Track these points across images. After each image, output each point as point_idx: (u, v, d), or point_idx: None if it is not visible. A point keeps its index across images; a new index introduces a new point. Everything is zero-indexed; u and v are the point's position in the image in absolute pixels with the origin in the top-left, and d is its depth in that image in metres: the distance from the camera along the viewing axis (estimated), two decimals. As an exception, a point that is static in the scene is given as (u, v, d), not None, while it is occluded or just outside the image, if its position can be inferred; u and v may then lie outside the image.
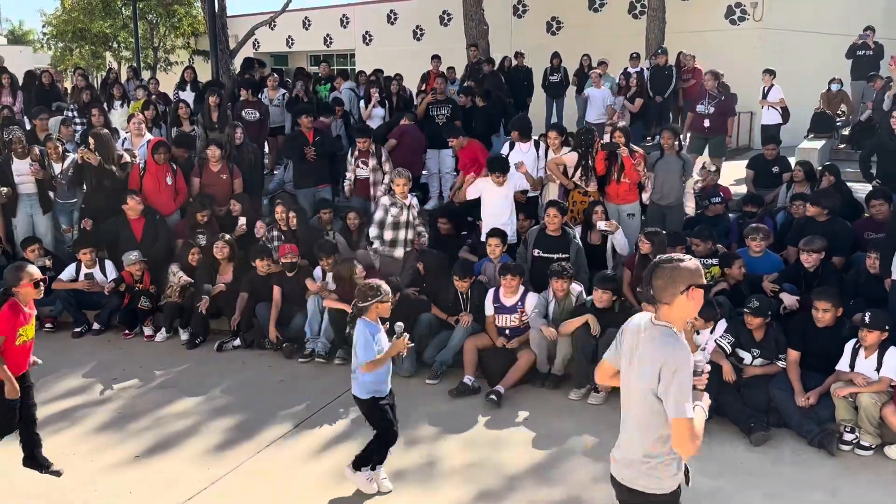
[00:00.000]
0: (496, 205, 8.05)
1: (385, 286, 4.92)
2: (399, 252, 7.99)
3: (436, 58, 13.99)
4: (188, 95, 12.96)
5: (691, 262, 3.04)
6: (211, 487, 5.21)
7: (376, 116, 11.91)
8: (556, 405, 6.41)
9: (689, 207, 8.60)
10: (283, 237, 8.38)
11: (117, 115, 11.78)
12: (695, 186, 9.47)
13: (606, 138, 8.73)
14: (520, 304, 6.94)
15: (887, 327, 5.58)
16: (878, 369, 5.58)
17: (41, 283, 4.97)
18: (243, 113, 11.13)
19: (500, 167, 7.97)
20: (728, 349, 6.08)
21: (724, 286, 6.96)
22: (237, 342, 7.82)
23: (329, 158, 9.97)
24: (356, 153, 9.34)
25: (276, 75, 12.49)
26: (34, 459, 5.24)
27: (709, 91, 10.87)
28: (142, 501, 5.08)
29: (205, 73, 17.45)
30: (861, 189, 9.07)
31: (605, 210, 8.01)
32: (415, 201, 7.96)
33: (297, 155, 9.85)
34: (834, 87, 13.04)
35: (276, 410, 6.35)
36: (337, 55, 27.13)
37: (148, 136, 9.92)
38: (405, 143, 10.11)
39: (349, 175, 9.43)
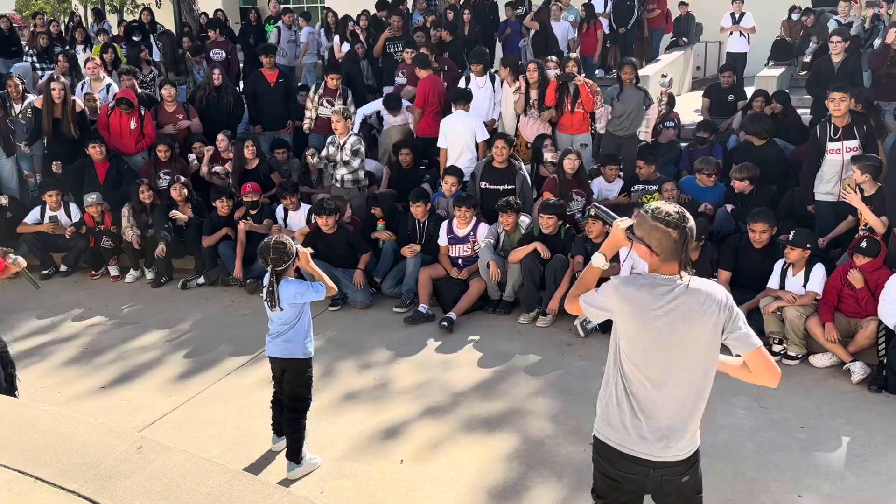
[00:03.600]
0: (458, 143, 8.22)
1: (290, 242, 4.60)
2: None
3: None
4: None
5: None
6: (174, 412, 5.48)
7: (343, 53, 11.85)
8: (505, 329, 6.71)
9: (645, 133, 8.78)
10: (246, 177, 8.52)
11: (80, 60, 11.73)
12: (660, 105, 9.60)
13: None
14: (472, 234, 7.18)
15: (808, 245, 5.84)
16: (804, 285, 5.87)
17: None
18: (211, 54, 11.12)
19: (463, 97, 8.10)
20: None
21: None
22: (201, 280, 8.03)
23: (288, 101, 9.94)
24: (321, 91, 9.38)
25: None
26: None
27: None
28: (71, 420, 5.31)
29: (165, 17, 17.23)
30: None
31: (555, 142, 8.18)
32: (351, 140, 8.00)
33: (254, 97, 9.85)
34: (794, 16, 13.09)
35: (239, 342, 6.60)
36: (306, -7, 26.68)
37: (107, 79, 9.93)
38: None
39: (309, 113, 9.48)
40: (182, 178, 8.41)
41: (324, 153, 8.05)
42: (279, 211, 8.07)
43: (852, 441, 4.80)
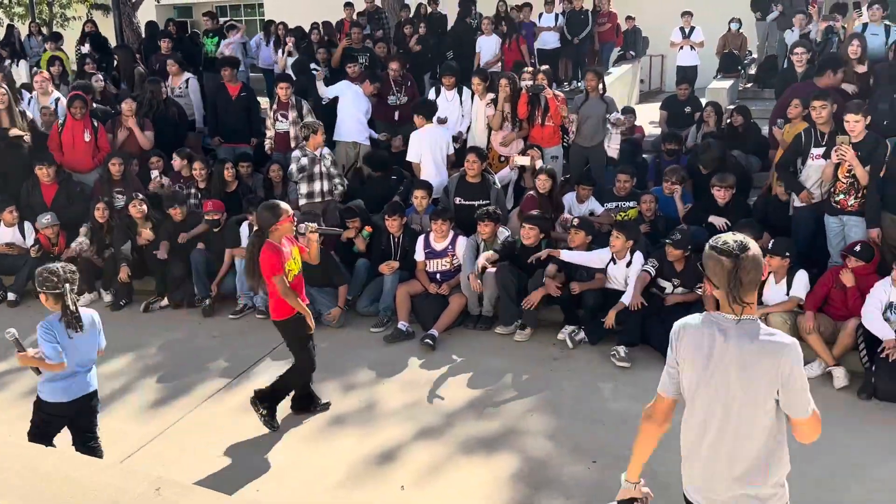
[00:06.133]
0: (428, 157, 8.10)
1: (59, 269, 4.39)
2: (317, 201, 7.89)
3: (349, 5, 13.73)
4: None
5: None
6: (152, 442, 5.19)
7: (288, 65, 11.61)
8: (489, 344, 6.59)
9: (612, 149, 8.82)
10: (199, 195, 8.22)
11: (15, 74, 11.21)
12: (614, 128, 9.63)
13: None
14: (450, 247, 7.06)
15: (788, 253, 5.91)
16: (787, 293, 5.94)
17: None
18: (158, 66, 10.75)
19: (417, 110, 8.00)
20: (653, 272, 6.35)
21: (647, 230, 7.23)
22: (164, 302, 7.70)
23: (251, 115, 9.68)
24: (275, 105, 9.15)
25: (178, 56, 10.63)
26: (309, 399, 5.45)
27: None
28: (85, 460, 5.00)
29: (106, 27, 16.66)
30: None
31: (542, 153, 8.14)
32: (326, 152, 7.89)
33: (216, 109, 9.56)
34: (734, 27, 13.41)
35: (211, 366, 6.34)
36: (244, 5, 26.28)
37: (56, 93, 9.49)
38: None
39: (270, 133, 9.19)
40: (140, 195, 8.06)
41: (296, 166, 7.82)
42: (244, 229, 7.79)
43: (851, 450, 4.83)
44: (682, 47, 13.36)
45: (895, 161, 5.95)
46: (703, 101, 10.29)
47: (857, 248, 5.83)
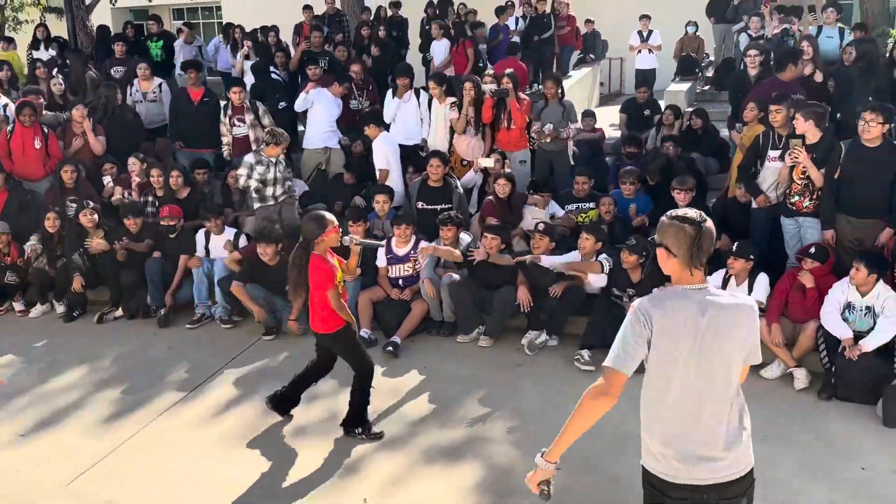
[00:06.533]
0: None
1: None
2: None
3: (308, 8, 13.58)
4: (43, 55, 12.08)
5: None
6: (106, 459, 5.03)
7: (247, 70, 11.42)
8: (452, 351, 6.52)
9: (571, 156, 8.84)
10: (157, 201, 8.04)
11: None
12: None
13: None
14: (412, 252, 6.98)
15: (752, 256, 5.95)
16: (749, 295, 5.97)
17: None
18: (112, 71, 10.51)
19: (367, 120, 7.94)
20: (607, 265, 6.37)
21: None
22: (119, 312, 7.50)
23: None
24: (230, 111, 8.97)
25: (145, 65, 10.20)
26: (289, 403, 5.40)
27: None
28: (33, 479, 4.84)
29: (59, 30, 16.27)
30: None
31: (503, 157, 8.10)
32: (282, 158, 7.75)
33: (177, 113, 9.34)
34: (690, 30, 13.55)
35: (168, 378, 6.18)
36: (202, 8, 25.90)
37: (4, 99, 9.21)
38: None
39: (225, 138, 9.00)
40: (91, 204, 7.84)
41: (241, 172, 7.67)
42: (199, 237, 7.63)
43: (813, 451, 4.86)
44: (640, 51, 13.46)
45: (849, 163, 6.00)
46: (662, 104, 10.36)
47: (812, 250, 5.89)
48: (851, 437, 5.01)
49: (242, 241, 7.55)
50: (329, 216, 4.88)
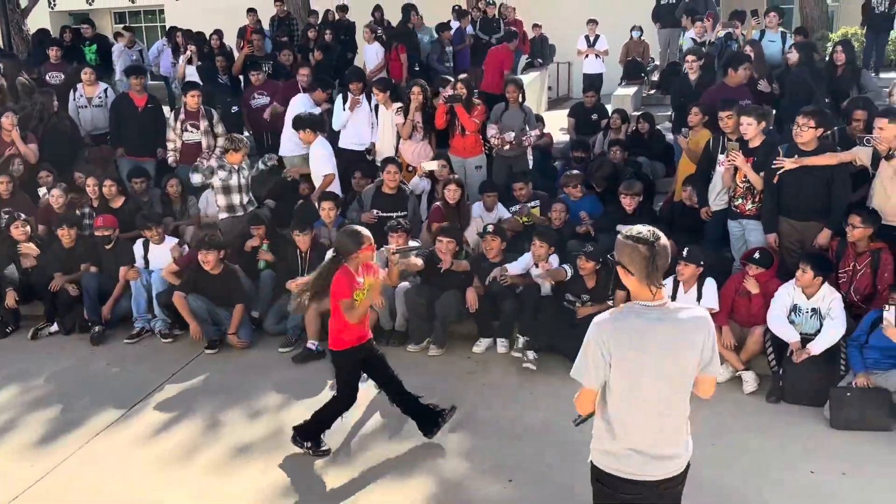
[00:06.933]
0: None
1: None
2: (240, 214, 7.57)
3: (252, 11, 13.34)
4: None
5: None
6: (41, 482, 4.79)
7: (189, 75, 11.16)
8: (402, 361, 6.33)
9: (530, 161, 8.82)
10: (93, 212, 7.75)
11: None
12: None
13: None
14: (362, 262, 6.83)
15: (702, 262, 5.96)
16: (698, 300, 5.96)
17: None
18: (48, 76, 10.13)
19: (302, 125, 7.74)
20: (569, 273, 6.31)
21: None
22: (54, 328, 7.20)
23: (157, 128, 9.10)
24: (182, 116, 8.70)
25: (91, 70, 9.77)
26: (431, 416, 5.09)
27: None
28: None
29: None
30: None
31: (449, 162, 8.01)
32: (247, 162, 7.62)
33: (119, 120, 9.02)
34: (635, 35, 13.66)
35: (106, 396, 5.93)
36: (144, 11, 25.34)
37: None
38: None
39: (172, 145, 8.73)
40: (23, 216, 7.52)
41: (195, 179, 7.45)
42: (138, 247, 7.36)
43: (763, 455, 4.86)
44: (587, 55, 13.52)
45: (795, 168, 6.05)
46: (609, 108, 10.41)
47: (757, 255, 5.92)
48: (800, 440, 5.02)
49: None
50: (365, 232, 4.69)
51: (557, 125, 11.74)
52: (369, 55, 11.93)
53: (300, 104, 8.65)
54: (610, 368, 2.85)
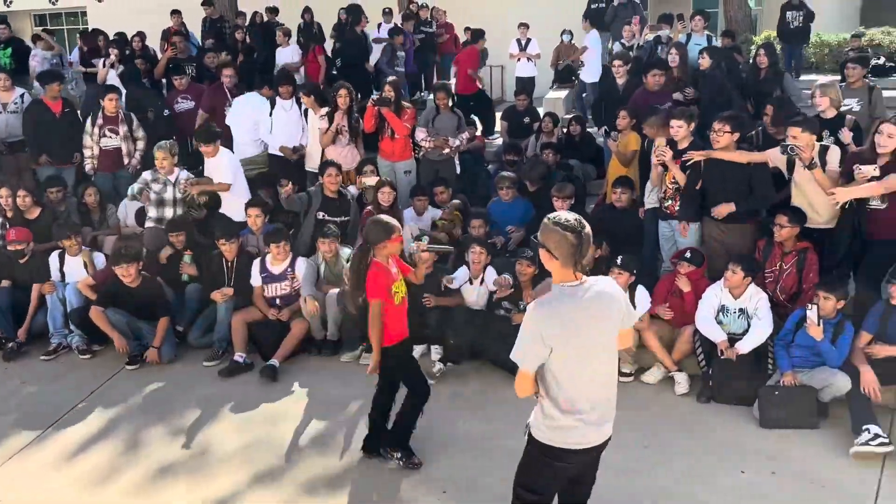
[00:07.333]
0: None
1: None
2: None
3: (176, 13, 12.96)
4: None
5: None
6: (-60, 517, 4.50)
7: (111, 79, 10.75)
8: (335, 372, 6.23)
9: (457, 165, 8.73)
10: (7, 223, 7.36)
11: None
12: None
13: None
14: (289, 269, 6.66)
15: (635, 270, 5.96)
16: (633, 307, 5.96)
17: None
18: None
19: (204, 139, 7.36)
20: (511, 282, 6.26)
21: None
22: (-39, 347, 6.82)
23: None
24: (100, 120, 8.32)
25: (5, 75, 9.31)
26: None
27: None
28: None
29: None
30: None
31: (377, 168, 7.88)
32: (183, 174, 7.33)
33: (36, 127, 8.59)
34: (566, 38, 13.75)
35: (20, 416, 5.65)
36: (66, 13, 24.47)
37: None
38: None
39: (89, 151, 8.34)
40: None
41: (133, 188, 7.18)
42: (53, 260, 7.01)
43: (695, 456, 4.87)
44: (519, 59, 13.54)
45: (709, 169, 6.11)
46: (542, 112, 10.43)
47: (688, 254, 5.96)
48: (731, 440, 5.05)
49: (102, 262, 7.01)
50: (395, 223, 4.56)
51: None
52: (283, 57, 11.75)
53: (250, 105, 8.46)
54: (550, 351, 3.05)
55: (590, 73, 11.86)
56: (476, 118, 10.83)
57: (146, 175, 7.26)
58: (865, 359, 5.22)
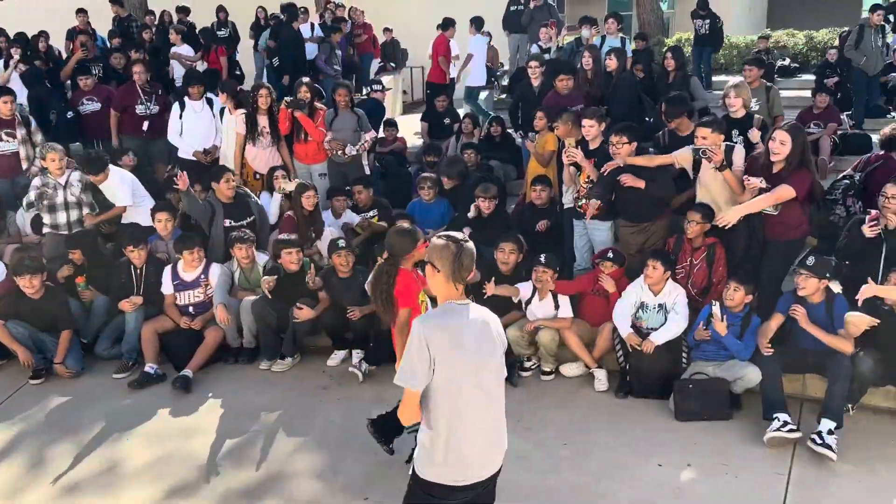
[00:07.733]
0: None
1: None
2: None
3: (82, 12, 12.48)
4: None
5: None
6: None
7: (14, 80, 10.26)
8: (252, 380, 6.08)
9: (366, 166, 8.62)
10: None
11: None
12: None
13: None
14: (202, 276, 6.45)
15: (558, 269, 6.00)
16: (556, 308, 5.97)
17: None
18: None
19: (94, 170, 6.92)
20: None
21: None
22: None
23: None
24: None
25: None
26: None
27: None
28: None
29: None
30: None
31: (288, 172, 7.72)
32: (75, 176, 7.02)
33: None
34: (491, 43, 13.81)
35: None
36: (-36, 12, 23.26)
37: None
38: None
39: None
40: None
41: (29, 197, 6.83)
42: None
43: (615, 451, 4.91)
44: (438, 60, 13.49)
45: (631, 169, 6.21)
46: (462, 113, 10.43)
47: (611, 254, 6.03)
48: (648, 434, 5.12)
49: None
50: (418, 230, 4.59)
51: (412, 129, 11.66)
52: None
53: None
54: (434, 369, 2.90)
55: (475, 77, 12.11)
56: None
57: (36, 181, 6.95)
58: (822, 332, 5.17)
